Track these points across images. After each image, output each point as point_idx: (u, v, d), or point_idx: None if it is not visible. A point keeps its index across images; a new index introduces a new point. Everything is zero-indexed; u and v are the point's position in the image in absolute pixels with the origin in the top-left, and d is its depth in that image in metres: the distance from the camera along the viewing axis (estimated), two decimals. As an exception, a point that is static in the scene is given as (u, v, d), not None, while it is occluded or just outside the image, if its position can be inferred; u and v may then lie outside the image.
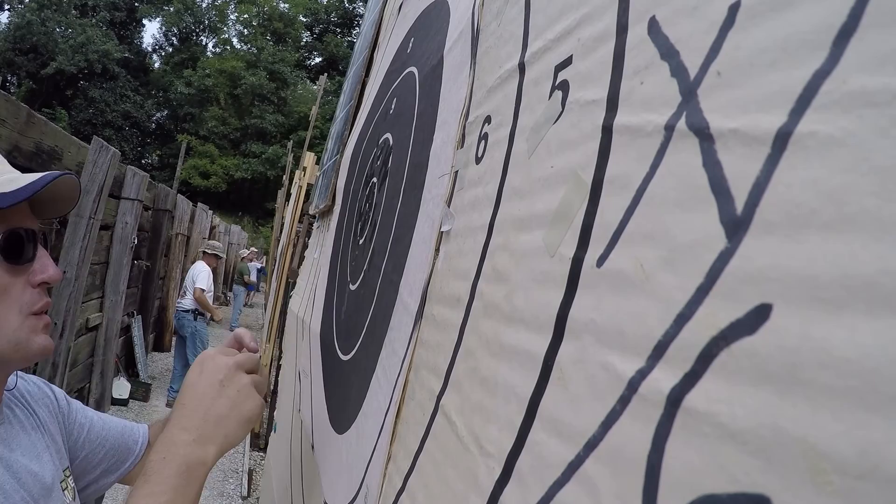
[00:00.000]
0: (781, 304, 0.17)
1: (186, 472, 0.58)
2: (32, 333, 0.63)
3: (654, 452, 0.21)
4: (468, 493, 0.34)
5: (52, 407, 0.78)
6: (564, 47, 0.35)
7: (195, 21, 31.09)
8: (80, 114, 25.11)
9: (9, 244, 0.62)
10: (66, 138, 3.16)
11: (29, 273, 0.64)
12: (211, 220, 9.80)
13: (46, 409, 0.76)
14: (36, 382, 0.78)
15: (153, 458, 0.59)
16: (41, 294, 0.65)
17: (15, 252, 0.62)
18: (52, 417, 0.76)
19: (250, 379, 0.67)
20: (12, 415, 0.68)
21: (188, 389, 0.65)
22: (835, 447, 0.15)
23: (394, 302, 0.58)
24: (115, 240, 4.59)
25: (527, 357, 0.31)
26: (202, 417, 0.62)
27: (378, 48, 1.26)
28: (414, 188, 0.61)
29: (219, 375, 0.65)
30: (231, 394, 0.64)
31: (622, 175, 0.27)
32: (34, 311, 0.64)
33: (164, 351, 7.19)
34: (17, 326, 0.62)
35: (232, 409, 0.63)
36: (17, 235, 0.62)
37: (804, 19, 0.19)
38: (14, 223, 0.63)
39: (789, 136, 0.18)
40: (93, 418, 0.84)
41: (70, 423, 0.80)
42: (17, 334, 0.62)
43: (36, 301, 0.64)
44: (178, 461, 0.58)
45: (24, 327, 0.63)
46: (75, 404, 0.83)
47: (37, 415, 0.73)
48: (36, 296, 0.64)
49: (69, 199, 0.71)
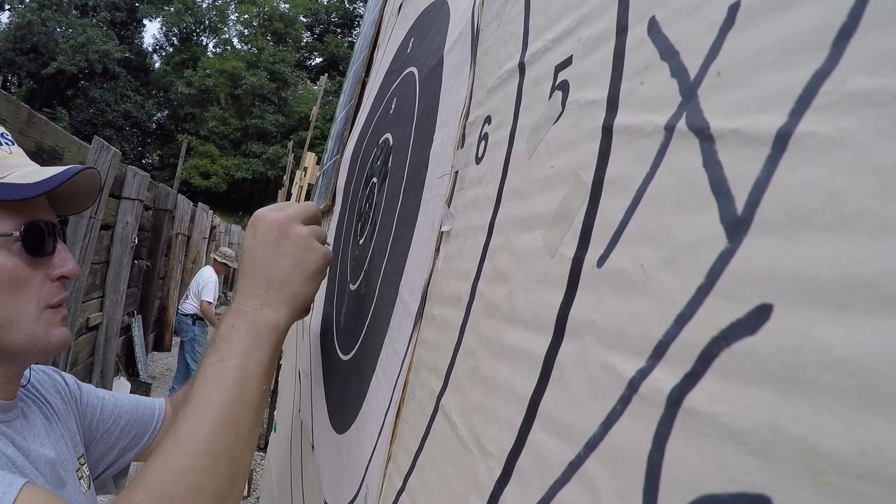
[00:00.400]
0: (782, 304, 0.17)
1: (256, 334, 0.54)
2: (50, 327, 0.63)
3: (655, 452, 0.21)
4: (468, 493, 0.34)
5: (64, 393, 0.78)
6: (564, 47, 0.35)
7: (196, 21, 31.10)
8: (81, 114, 25.13)
9: (30, 236, 0.62)
10: (67, 138, 3.16)
11: (48, 266, 0.64)
12: (211, 220, 9.81)
13: (59, 396, 0.76)
14: (45, 371, 0.78)
15: (222, 327, 0.56)
16: (59, 288, 0.65)
17: (36, 245, 0.62)
18: (65, 404, 0.76)
19: (308, 230, 0.61)
20: (28, 408, 0.68)
21: (246, 256, 0.60)
22: (835, 447, 0.15)
23: (394, 302, 0.58)
24: (116, 239, 4.59)
25: (527, 357, 0.31)
26: (265, 282, 0.58)
27: (378, 48, 1.26)
28: (414, 188, 0.61)
29: (273, 234, 0.60)
30: (290, 250, 0.59)
31: (622, 175, 0.27)
32: (51, 303, 0.64)
33: (165, 350, 7.19)
34: (34, 319, 0.62)
35: (294, 267, 0.59)
36: (38, 228, 0.62)
37: (804, 19, 0.19)
38: (35, 216, 0.63)
39: (789, 136, 0.18)
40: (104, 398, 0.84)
41: (83, 407, 0.80)
42: (35, 328, 0.62)
43: (54, 294, 0.64)
44: (246, 326, 0.55)
45: (42, 320, 0.63)
46: (86, 387, 0.83)
47: (50, 403, 0.73)
48: (55, 289, 0.65)
49: (89, 195, 0.71)
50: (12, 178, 0.61)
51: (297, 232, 0.60)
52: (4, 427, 0.61)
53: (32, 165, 0.65)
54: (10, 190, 0.60)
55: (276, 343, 0.56)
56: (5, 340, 0.61)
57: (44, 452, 0.64)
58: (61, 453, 0.68)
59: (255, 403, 0.52)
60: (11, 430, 0.62)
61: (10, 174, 0.61)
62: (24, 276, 0.61)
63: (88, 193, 0.71)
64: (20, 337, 0.61)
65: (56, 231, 0.65)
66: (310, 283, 0.60)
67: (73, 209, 0.72)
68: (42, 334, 0.63)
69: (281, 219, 0.61)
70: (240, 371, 0.52)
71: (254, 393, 0.52)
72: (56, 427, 0.71)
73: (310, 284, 0.60)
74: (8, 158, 0.63)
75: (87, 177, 0.67)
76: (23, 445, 0.61)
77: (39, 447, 0.64)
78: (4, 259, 0.60)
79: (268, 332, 0.55)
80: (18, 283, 0.61)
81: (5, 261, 0.60)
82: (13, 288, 0.60)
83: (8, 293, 0.60)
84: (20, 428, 0.64)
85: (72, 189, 0.66)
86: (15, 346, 0.61)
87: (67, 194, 0.67)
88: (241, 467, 0.51)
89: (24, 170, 0.63)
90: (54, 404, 0.74)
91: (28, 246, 0.61)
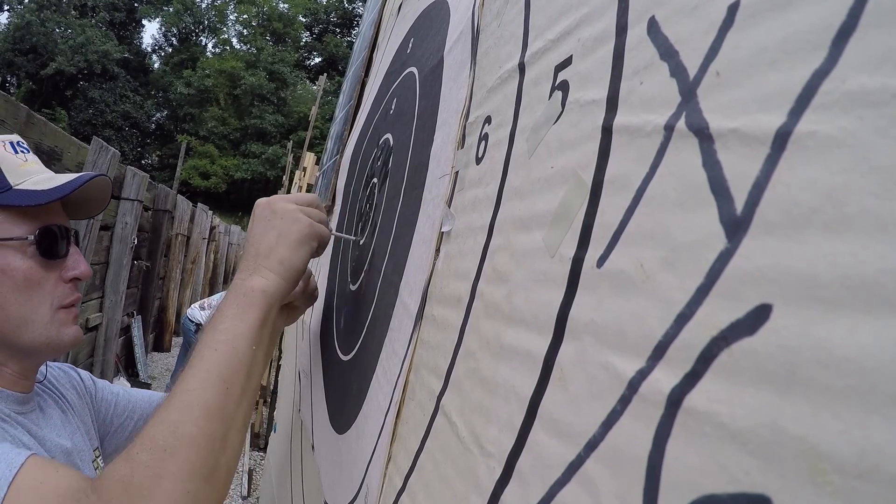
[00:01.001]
0: (781, 304, 0.17)
1: (244, 299, 0.57)
2: (63, 326, 0.67)
3: (655, 452, 0.21)
4: (469, 493, 0.34)
5: (79, 388, 0.81)
6: (564, 47, 0.35)
7: (195, 21, 31.10)
8: (80, 114, 25.11)
9: (44, 240, 0.65)
10: (66, 139, 3.15)
11: (62, 269, 0.68)
12: (211, 221, 9.80)
13: (74, 391, 0.80)
14: (62, 367, 0.82)
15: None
16: (72, 289, 0.69)
17: (49, 248, 0.66)
18: (80, 399, 0.80)
19: (295, 206, 0.65)
20: (44, 402, 0.72)
21: (246, 240, 0.65)
22: (835, 447, 0.15)
23: (394, 302, 0.58)
24: (115, 240, 4.59)
25: (527, 357, 0.31)
26: (255, 255, 0.62)
27: (377, 48, 1.26)
28: (414, 188, 0.61)
29: (264, 213, 0.64)
30: (276, 223, 0.63)
31: (622, 175, 0.27)
32: (64, 304, 0.68)
33: (164, 351, 7.19)
34: (48, 320, 0.66)
35: (279, 237, 0.62)
36: (52, 232, 0.66)
37: (803, 19, 0.19)
38: (49, 220, 0.67)
39: (789, 135, 0.18)
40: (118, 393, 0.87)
41: (98, 402, 0.83)
42: (49, 328, 0.66)
43: (67, 295, 0.68)
44: (235, 294, 0.58)
45: (55, 321, 0.66)
46: (101, 383, 0.87)
47: (65, 398, 0.77)
48: (68, 290, 0.68)
49: (101, 201, 0.76)
50: (28, 184, 0.65)
51: (283, 207, 0.64)
52: (21, 418, 0.64)
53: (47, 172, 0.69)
54: (25, 196, 0.64)
55: (266, 307, 0.57)
56: (21, 339, 0.64)
57: (60, 442, 0.67)
58: (78, 444, 0.71)
59: (246, 362, 0.53)
60: (28, 420, 0.65)
61: (26, 181, 0.65)
62: (38, 277, 0.65)
63: (100, 199, 0.75)
64: (35, 335, 0.65)
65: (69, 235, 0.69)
66: (294, 250, 0.62)
67: (85, 214, 0.76)
68: (55, 333, 0.66)
69: (271, 199, 0.66)
70: (229, 333, 0.54)
71: (244, 352, 0.54)
72: (72, 420, 0.74)
73: (295, 252, 0.62)
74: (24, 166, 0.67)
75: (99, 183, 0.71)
76: (39, 435, 0.65)
77: (56, 437, 0.67)
78: (20, 261, 0.64)
79: (255, 296, 0.57)
80: (33, 284, 0.65)
81: (20, 263, 0.64)
82: (28, 289, 0.64)
83: (23, 294, 0.64)
84: (37, 420, 0.67)
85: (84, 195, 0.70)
86: (30, 344, 0.65)
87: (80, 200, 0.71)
88: (235, 424, 0.51)
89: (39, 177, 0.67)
90: (70, 398, 0.77)
91: (42, 249, 0.65)
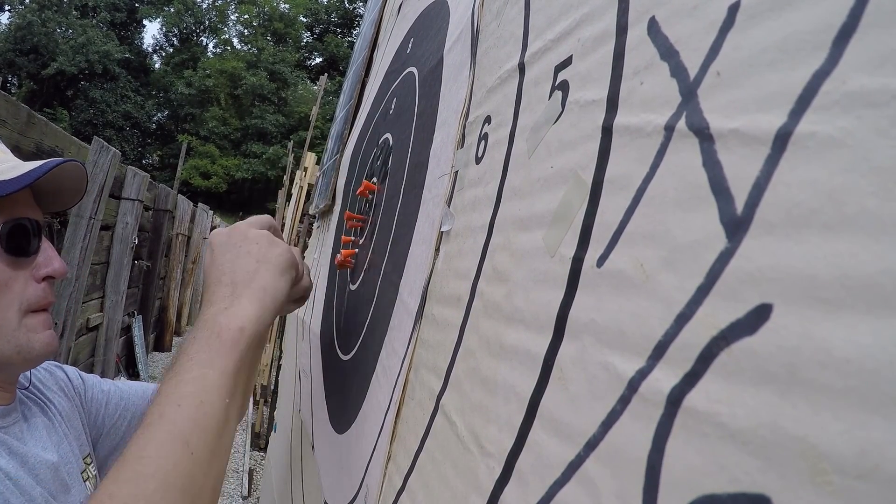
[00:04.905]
0: (781, 304, 0.17)
1: (217, 341, 0.48)
2: (32, 333, 0.59)
3: (655, 452, 0.21)
4: (468, 493, 0.34)
5: (67, 390, 0.73)
6: (564, 47, 0.35)
7: (196, 21, 31.11)
8: (81, 114, 25.13)
9: (11, 235, 0.57)
10: (67, 139, 3.16)
11: (32, 267, 0.60)
12: (211, 221, 9.81)
13: (62, 393, 0.72)
14: (47, 368, 0.74)
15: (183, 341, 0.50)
16: (45, 290, 0.61)
17: (17, 244, 0.58)
18: (69, 401, 0.72)
19: (266, 231, 0.58)
20: (28, 411, 0.64)
21: (207, 274, 0.55)
22: (835, 447, 0.15)
23: (394, 302, 0.58)
24: (116, 240, 4.59)
25: (527, 357, 0.31)
26: (230, 284, 0.52)
27: (377, 48, 1.26)
28: (414, 188, 0.61)
29: (231, 240, 0.56)
30: (251, 248, 0.55)
31: (622, 175, 0.27)
32: (33, 308, 0.60)
33: (165, 351, 7.19)
34: (15, 326, 0.58)
35: (259, 262, 0.54)
36: (21, 226, 0.58)
37: (804, 19, 0.19)
38: (17, 213, 0.58)
39: (789, 136, 0.18)
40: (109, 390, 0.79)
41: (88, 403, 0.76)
42: (17, 336, 0.58)
43: (40, 298, 0.60)
44: (207, 334, 0.48)
45: (23, 327, 0.58)
46: (90, 380, 0.78)
47: (52, 403, 0.69)
48: (40, 291, 0.60)
49: (75, 191, 0.67)
50: None
51: (255, 233, 0.57)
52: (2, 434, 0.57)
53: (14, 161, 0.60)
54: None
55: (244, 348, 0.49)
56: None
57: (45, 457, 0.61)
58: (65, 456, 0.65)
59: (217, 419, 0.45)
60: (10, 436, 0.58)
61: None
62: (4, 278, 0.57)
63: (74, 189, 0.66)
64: (2, 345, 0.57)
65: (41, 229, 0.61)
66: (278, 277, 0.55)
67: (59, 206, 0.67)
68: (24, 341, 0.58)
69: (235, 227, 0.58)
70: (196, 384, 0.45)
71: (214, 407, 0.45)
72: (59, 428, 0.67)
73: (279, 279, 0.55)
74: None
75: (71, 171, 0.62)
76: (21, 451, 0.58)
77: (41, 451, 0.61)
78: None
79: (231, 335, 0.48)
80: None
81: None
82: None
83: None
84: (19, 433, 0.60)
85: (55, 185, 0.62)
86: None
87: (52, 190, 0.63)
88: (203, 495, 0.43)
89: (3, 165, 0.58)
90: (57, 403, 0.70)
91: (9, 245, 0.57)
